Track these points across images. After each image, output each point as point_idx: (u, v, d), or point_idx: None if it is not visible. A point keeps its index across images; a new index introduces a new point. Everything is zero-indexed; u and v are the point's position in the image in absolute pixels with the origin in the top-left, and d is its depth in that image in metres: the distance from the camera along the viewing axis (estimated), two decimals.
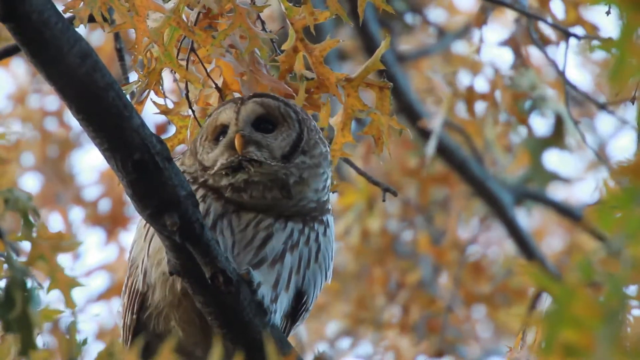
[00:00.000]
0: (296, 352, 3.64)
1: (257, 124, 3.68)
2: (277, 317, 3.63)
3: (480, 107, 5.72)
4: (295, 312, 3.72)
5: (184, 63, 3.75)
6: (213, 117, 3.71)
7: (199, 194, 3.62)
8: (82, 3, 3.60)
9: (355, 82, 3.79)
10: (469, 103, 5.67)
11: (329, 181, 3.72)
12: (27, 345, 3.32)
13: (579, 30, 4.97)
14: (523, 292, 7.13)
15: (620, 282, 2.41)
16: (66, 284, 3.56)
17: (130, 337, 3.72)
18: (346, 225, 7.17)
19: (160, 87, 3.75)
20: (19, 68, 7.94)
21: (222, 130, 3.70)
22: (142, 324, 3.72)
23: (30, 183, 8.06)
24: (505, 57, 5.61)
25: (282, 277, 3.64)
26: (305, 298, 3.70)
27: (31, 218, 3.40)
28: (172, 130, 3.85)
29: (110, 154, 3.39)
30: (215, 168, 3.65)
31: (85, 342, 3.33)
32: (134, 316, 3.70)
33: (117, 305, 7.73)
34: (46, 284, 3.60)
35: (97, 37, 7.59)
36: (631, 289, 2.46)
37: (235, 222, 3.63)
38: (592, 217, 2.46)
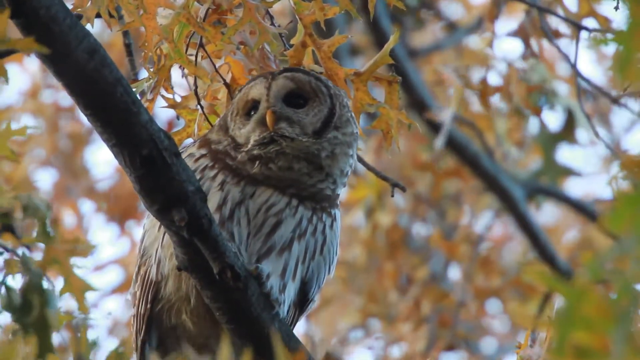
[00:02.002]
0: (304, 348, 3.63)
1: (288, 99, 3.67)
2: (285, 309, 3.62)
3: (493, 100, 5.68)
4: (302, 302, 3.72)
5: (192, 58, 3.74)
6: (244, 91, 3.70)
7: (217, 180, 3.61)
8: (89, 2, 3.59)
9: (364, 77, 3.78)
10: (482, 96, 5.64)
11: (350, 169, 3.71)
12: (45, 348, 3.32)
13: (591, 22, 4.92)
14: (535, 287, 7.10)
15: (630, 281, 2.39)
16: (79, 288, 3.56)
17: (143, 327, 3.70)
18: (356, 219, 7.15)
19: (170, 84, 3.75)
20: (32, 64, 7.95)
21: (253, 105, 3.68)
22: (154, 316, 3.70)
23: (43, 177, 8.08)
24: (517, 51, 5.58)
25: (289, 266, 3.63)
26: (308, 289, 3.69)
27: (49, 228, 3.40)
28: (182, 125, 3.85)
29: (118, 149, 3.38)
30: (249, 146, 3.63)
31: (95, 342, 3.33)
32: (148, 306, 3.68)
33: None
34: (58, 284, 3.59)
35: (108, 33, 7.59)
36: None
37: (251, 208, 3.61)
38: (604, 215, 2.43)
